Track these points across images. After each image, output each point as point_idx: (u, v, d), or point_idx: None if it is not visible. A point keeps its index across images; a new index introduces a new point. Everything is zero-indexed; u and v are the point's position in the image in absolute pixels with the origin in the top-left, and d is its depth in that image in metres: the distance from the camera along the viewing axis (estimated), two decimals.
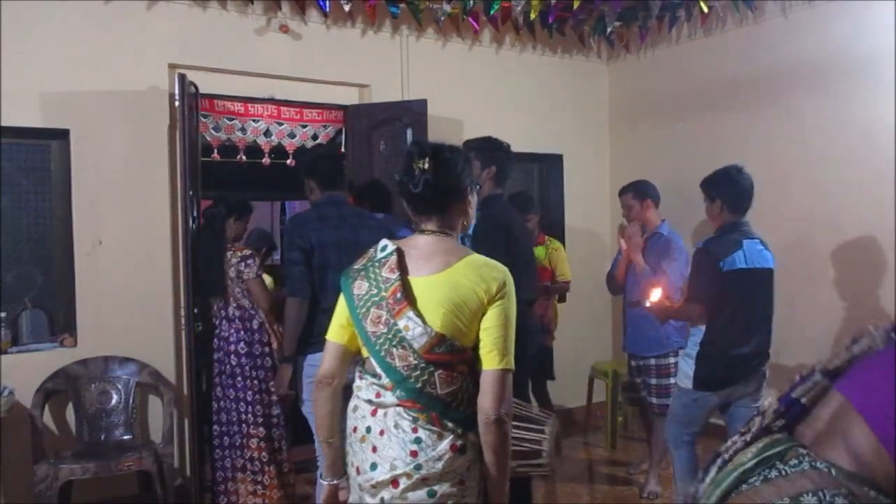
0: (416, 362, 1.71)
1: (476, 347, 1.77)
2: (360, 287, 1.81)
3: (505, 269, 1.83)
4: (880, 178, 4.07)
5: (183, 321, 3.90)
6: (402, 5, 4.65)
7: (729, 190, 3.17)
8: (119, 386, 3.78)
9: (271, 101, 4.44)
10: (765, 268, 3.14)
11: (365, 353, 1.82)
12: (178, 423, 3.96)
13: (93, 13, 3.85)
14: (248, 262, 3.63)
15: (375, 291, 1.78)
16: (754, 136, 4.74)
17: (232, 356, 3.64)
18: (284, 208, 7.61)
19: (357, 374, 1.87)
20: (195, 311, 3.81)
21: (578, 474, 4.48)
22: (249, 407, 3.63)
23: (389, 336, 1.74)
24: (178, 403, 3.95)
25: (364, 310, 1.79)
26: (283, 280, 4.74)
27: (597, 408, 5.19)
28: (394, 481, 1.70)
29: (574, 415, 5.38)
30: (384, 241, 1.88)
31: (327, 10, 4.44)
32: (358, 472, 1.77)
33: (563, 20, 5.21)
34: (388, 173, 4.48)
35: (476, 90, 5.10)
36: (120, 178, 3.91)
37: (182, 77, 3.74)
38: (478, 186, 2.04)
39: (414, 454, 1.70)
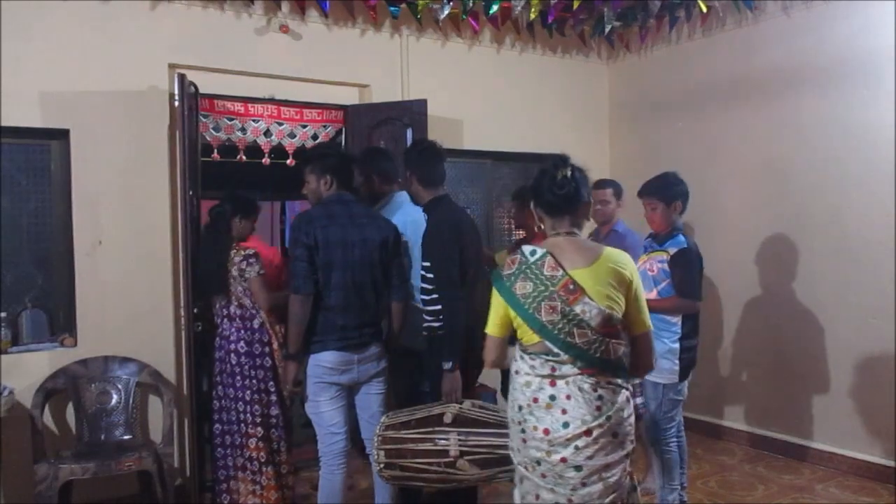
0: (594, 337, 2.14)
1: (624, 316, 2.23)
2: (524, 287, 2.19)
3: (627, 254, 2.29)
4: (880, 177, 4.07)
5: (183, 321, 3.90)
6: (402, 5, 4.65)
7: (685, 192, 3.45)
8: (119, 386, 3.78)
9: (271, 101, 4.44)
10: None
11: (531, 339, 2.20)
12: (178, 423, 3.96)
13: (93, 13, 3.85)
14: (251, 260, 3.62)
15: (543, 288, 2.16)
16: (754, 136, 4.74)
17: (232, 355, 3.63)
18: (284, 208, 7.61)
19: (524, 357, 2.24)
20: (195, 310, 3.81)
21: None
22: (248, 406, 3.62)
23: (566, 321, 2.14)
24: (178, 403, 3.95)
25: (535, 304, 2.16)
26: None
27: None
28: (587, 431, 2.13)
29: None
30: (530, 247, 2.25)
31: (327, 10, 4.44)
32: (546, 433, 2.16)
33: (563, 20, 5.21)
34: None
35: (476, 90, 5.10)
36: (120, 178, 3.91)
37: (182, 77, 3.74)
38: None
39: (598, 409, 2.14)
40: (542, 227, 2.37)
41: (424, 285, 3.17)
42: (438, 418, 2.78)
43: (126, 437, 3.72)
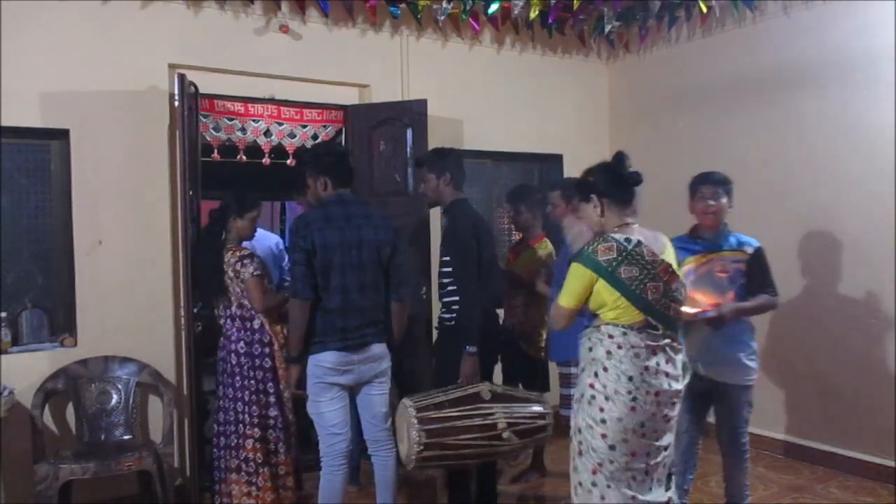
0: (679, 309, 2.59)
1: None
2: (629, 272, 2.47)
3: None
4: (880, 176, 4.07)
5: (183, 321, 3.90)
6: (402, 5, 4.65)
7: None
8: (119, 386, 3.78)
9: (271, 101, 4.44)
10: None
11: (635, 317, 2.49)
12: (178, 423, 3.96)
13: (93, 13, 3.85)
14: (245, 261, 3.62)
15: (647, 271, 2.48)
16: (754, 136, 4.74)
17: (232, 355, 3.63)
18: (284, 208, 7.61)
19: (626, 334, 2.50)
20: (195, 310, 3.81)
21: None
22: (246, 407, 3.61)
23: (666, 297, 2.51)
24: (178, 403, 3.95)
25: (641, 286, 2.47)
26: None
27: None
28: (679, 390, 2.55)
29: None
30: (625, 236, 2.53)
31: (327, 10, 4.44)
32: (657, 394, 2.49)
33: (563, 20, 5.21)
34: (388, 173, 4.49)
35: (476, 90, 5.10)
36: (120, 178, 3.91)
37: (182, 77, 3.74)
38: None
39: (683, 369, 2.58)
40: (602, 217, 2.62)
41: (443, 280, 3.34)
42: (474, 397, 3.00)
43: (126, 437, 3.71)
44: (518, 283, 4.08)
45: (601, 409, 2.49)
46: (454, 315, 3.26)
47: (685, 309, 3.13)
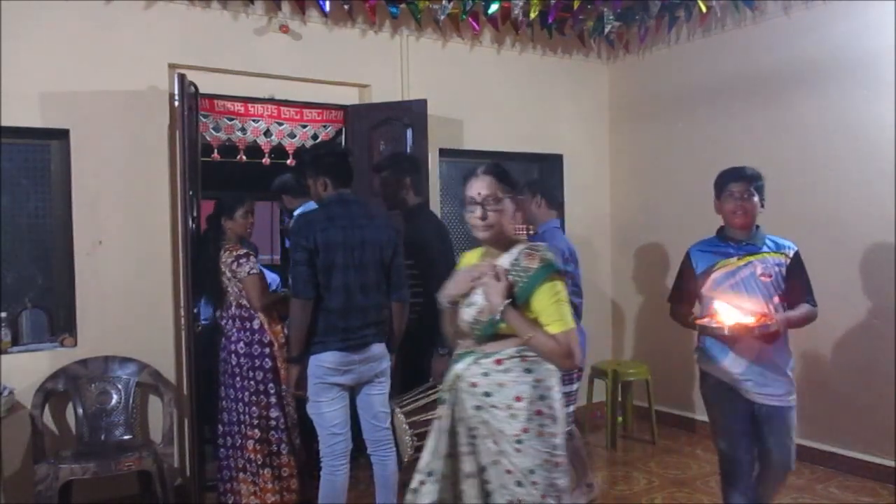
0: None
1: None
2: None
3: None
4: (880, 177, 4.07)
5: (183, 321, 3.90)
6: (402, 5, 4.65)
7: None
8: (119, 386, 3.78)
9: (271, 101, 4.44)
10: None
11: None
12: (178, 423, 3.96)
13: (93, 13, 3.85)
14: (241, 260, 3.62)
15: None
16: (754, 136, 4.74)
17: (232, 355, 3.64)
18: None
19: None
20: (195, 310, 3.82)
21: None
22: (246, 408, 3.62)
23: None
24: (178, 403, 3.95)
25: None
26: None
27: (597, 407, 5.19)
28: None
29: (575, 415, 5.37)
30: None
31: (327, 10, 4.44)
32: None
33: (563, 20, 5.21)
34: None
35: (476, 90, 5.10)
36: (120, 178, 3.91)
37: (182, 77, 3.74)
38: None
39: None
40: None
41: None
42: None
43: (126, 437, 3.72)
44: None
45: (553, 435, 2.17)
46: (418, 316, 3.37)
47: (742, 321, 2.75)
